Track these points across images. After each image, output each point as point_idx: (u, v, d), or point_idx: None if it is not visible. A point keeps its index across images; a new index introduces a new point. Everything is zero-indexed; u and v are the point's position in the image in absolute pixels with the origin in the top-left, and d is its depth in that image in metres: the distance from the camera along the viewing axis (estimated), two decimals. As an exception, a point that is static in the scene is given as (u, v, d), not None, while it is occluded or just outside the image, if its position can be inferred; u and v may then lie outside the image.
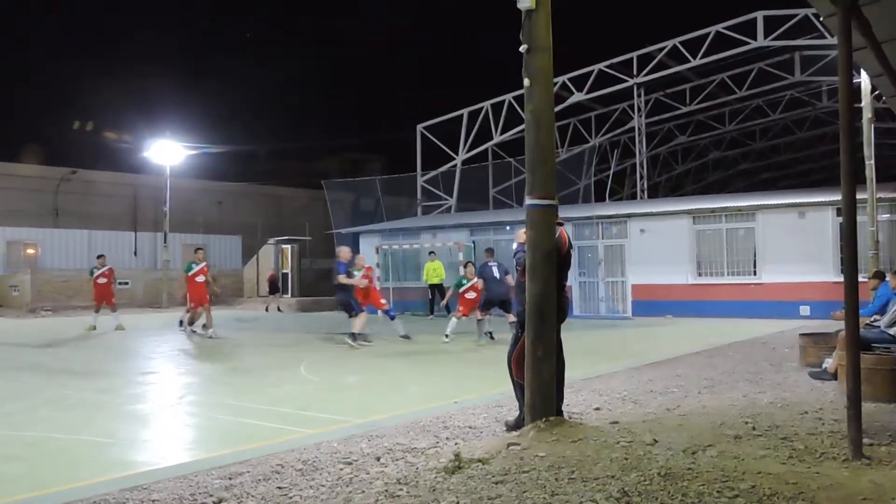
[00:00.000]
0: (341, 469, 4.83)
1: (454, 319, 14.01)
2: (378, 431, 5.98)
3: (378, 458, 5.08)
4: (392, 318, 14.60)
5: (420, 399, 7.88)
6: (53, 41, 60.72)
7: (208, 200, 42.82)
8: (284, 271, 32.01)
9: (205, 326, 15.37)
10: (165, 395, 8.60)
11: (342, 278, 13.29)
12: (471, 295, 14.14)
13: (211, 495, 4.35)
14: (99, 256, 18.90)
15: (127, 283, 30.94)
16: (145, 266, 35.56)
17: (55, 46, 61.06)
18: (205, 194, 42.68)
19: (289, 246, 32.56)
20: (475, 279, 14.16)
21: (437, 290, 21.33)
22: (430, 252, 22.11)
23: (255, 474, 4.78)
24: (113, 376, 10.12)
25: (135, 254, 36.04)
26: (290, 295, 30.84)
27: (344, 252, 13.86)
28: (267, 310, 26.74)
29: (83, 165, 40.22)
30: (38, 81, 57.12)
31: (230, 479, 4.70)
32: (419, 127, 31.81)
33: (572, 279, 20.30)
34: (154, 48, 63.99)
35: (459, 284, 14.55)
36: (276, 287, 28.37)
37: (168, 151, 32.83)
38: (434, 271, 21.59)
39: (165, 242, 33.17)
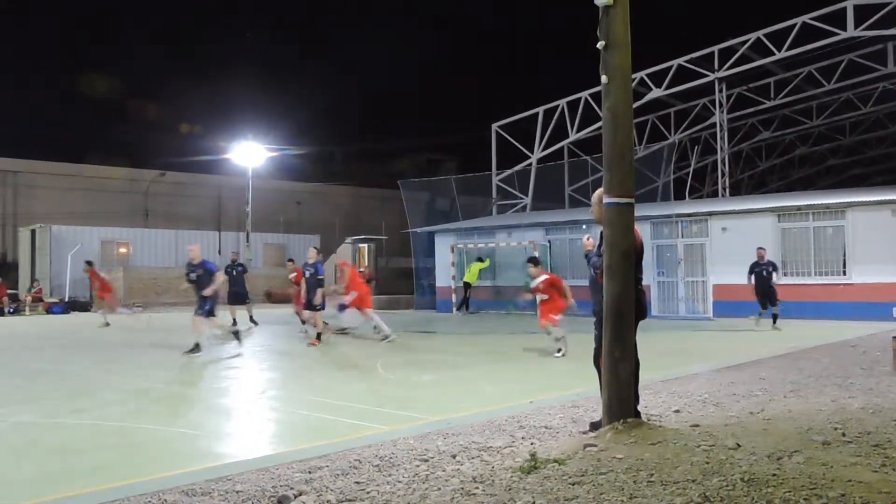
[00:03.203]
0: (417, 466, 4.88)
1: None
2: (454, 430, 6.01)
3: (454, 456, 5.10)
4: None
5: (495, 398, 7.87)
6: (142, 47, 63.35)
7: (288, 201, 43.97)
8: (361, 269, 32.49)
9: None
10: (247, 390, 8.86)
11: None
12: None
13: (291, 488, 4.46)
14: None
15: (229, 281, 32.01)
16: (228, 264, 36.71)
17: (144, 53, 63.73)
18: (285, 195, 43.84)
19: (366, 245, 33.05)
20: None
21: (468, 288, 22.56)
22: (478, 258, 22.93)
23: (333, 469, 4.88)
24: (198, 370, 10.49)
25: (219, 252, 37.26)
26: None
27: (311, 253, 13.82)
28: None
29: (171, 168, 42.00)
30: (129, 87, 59.78)
31: (310, 472, 4.81)
32: (494, 126, 31.77)
33: (651, 279, 19.90)
34: (236, 53, 66.05)
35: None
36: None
37: (250, 153, 33.87)
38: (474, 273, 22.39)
39: (248, 241, 34.23)
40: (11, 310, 25.97)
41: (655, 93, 28.45)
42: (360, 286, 14.82)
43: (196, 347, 11.77)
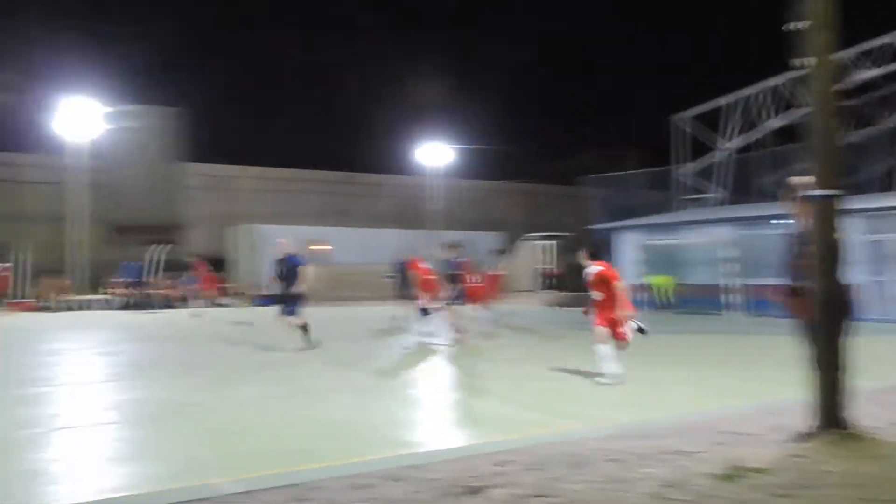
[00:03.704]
0: (608, 466, 4.81)
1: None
2: (645, 431, 5.86)
3: (646, 459, 4.97)
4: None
5: (690, 401, 7.58)
6: (340, 55, 67.25)
7: (472, 199, 44.93)
8: (543, 267, 32.55)
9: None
10: (436, 382, 9.16)
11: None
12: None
13: (482, 480, 4.56)
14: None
15: (394, 277, 33.45)
16: (395, 262, 38.09)
17: (338, 62, 67.65)
18: (467, 193, 44.82)
19: (547, 242, 32.99)
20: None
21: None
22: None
23: (523, 463, 4.92)
24: (388, 362, 10.97)
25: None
26: (548, 290, 31.41)
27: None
28: (558, 307, 25.50)
29: (365, 169, 44.53)
30: (324, 94, 63.77)
31: (499, 465, 4.88)
32: (680, 117, 30.51)
33: (864, 278, 18.16)
34: (423, 53, 68.34)
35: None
36: (558, 283, 27.06)
37: (435, 153, 35.00)
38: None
39: (432, 239, 35.34)
40: (223, 303, 28.77)
41: (866, 73, 25.94)
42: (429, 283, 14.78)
43: (307, 341, 11.79)
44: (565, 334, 15.26)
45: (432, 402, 7.88)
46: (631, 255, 23.81)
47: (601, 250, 8.92)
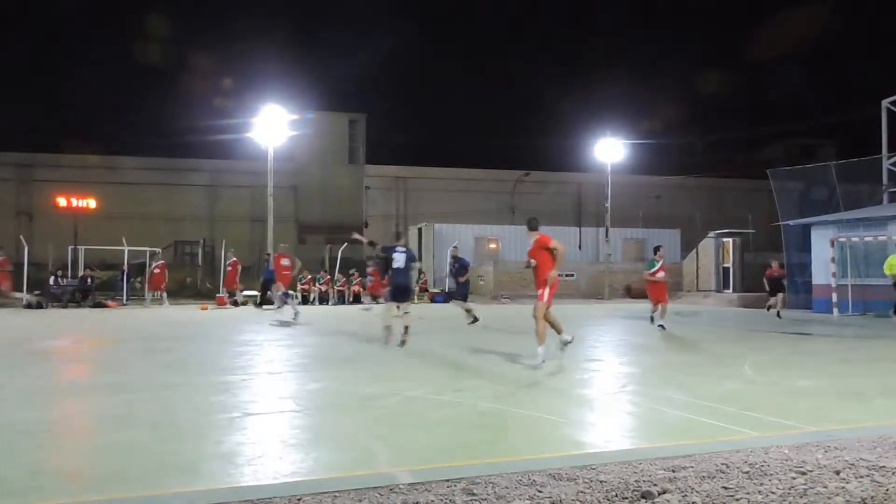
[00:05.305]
0: (793, 478, 4.49)
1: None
2: (836, 443, 5.40)
3: (837, 472, 4.58)
4: None
5: (888, 412, 6.90)
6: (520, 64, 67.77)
7: (646, 195, 43.58)
8: (725, 265, 30.99)
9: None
10: (609, 383, 8.98)
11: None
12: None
13: (655, 485, 4.41)
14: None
15: (572, 276, 33.22)
16: (588, 259, 37.60)
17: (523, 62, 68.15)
18: (643, 189, 43.55)
19: (730, 239, 31.34)
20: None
21: None
22: None
23: (698, 470, 4.71)
24: (560, 362, 10.87)
25: (579, 248, 38.33)
26: (731, 290, 29.89)
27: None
28: (769, 310, 21.50)
29: (534, 167, 44.55)
30: (492, 97, 64.56)
31: (673, 471, 4.70)
32: (884, 102, 27.75)
33: None
34: (602, 47, 67.23)
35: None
36: (779, 285, 21.68)
37: (609, 149, 34.27)
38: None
39: (607, 237, 34.66)
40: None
41: None
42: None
43: None
44: (741, 337, 14.45)
45: (605, 403, 7.72)
46: (827, 252, 22.05)
47: None
